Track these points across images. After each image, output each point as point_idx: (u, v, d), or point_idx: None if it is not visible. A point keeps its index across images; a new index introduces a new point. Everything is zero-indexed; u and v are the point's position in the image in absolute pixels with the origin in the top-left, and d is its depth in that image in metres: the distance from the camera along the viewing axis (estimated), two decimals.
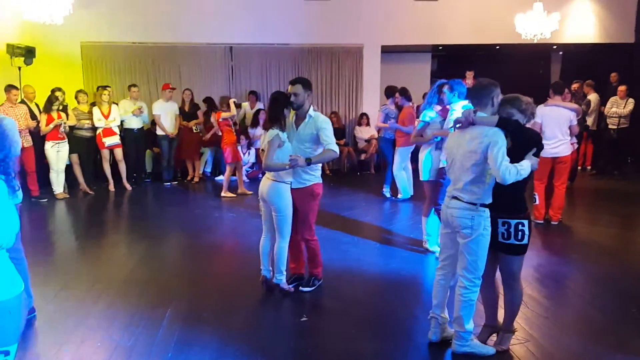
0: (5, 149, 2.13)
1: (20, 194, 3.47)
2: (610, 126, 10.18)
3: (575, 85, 8.96)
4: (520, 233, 3.29)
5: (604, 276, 5.02)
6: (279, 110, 4.27)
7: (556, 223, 6.64)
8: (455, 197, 3.36)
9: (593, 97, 10.39)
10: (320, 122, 4.32)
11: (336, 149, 4.31)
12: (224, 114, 8.74)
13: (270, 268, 4.53)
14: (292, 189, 4.37)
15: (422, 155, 5.46)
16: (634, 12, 11.50)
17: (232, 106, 8.74)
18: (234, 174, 8.88)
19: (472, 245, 3.27)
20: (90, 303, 4.37)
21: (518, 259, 3.39)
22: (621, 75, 10.72)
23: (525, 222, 3.32)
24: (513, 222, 3.29)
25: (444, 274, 3.58)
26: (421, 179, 5.51)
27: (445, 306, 3.62)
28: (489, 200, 3.28)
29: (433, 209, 5.44)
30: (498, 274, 3.54)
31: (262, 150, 4.45)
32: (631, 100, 9.96)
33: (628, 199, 8.46)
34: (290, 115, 4.42)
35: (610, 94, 10.33)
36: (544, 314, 4.10)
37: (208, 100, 10.02)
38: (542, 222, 6.62)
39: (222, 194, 8.67)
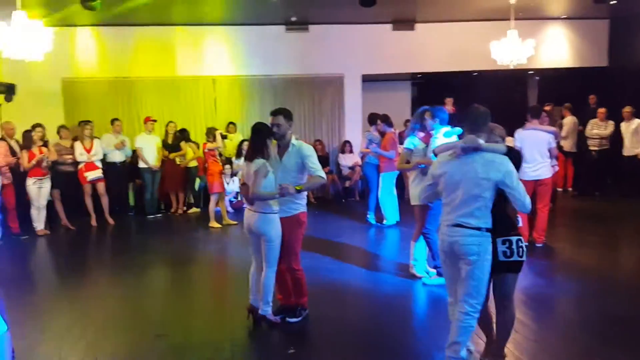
0: None
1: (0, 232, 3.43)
2: (591, 147, 10.37)
3: (547, 107, 9.14)
4: (520, 249, 3.35)
5: (589, 297, 5.04)
6: (262, 140, 4.28)
7: (541, 245, 6.67)
8: (458, 225, 3.29)
9: (568, 119, 10.62)
10: (304, 150, 4.37)
11: (323, 175, 4.38)
12: (209, 145, 8.78)
13: (259, 298, 4.44)
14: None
15: (412, 180, 5.51)
16: (606, 37, 11.85)
17: (218, 137, 8.79)
18: (217, 205, 8.85)
19: (477, 271, 3.24)
20: (72, 342, 4.27)
21: (515, 277, 3.42)
22: (598, 98, 10.98)
23: (522, 237, 3.41)
24: (514, 239, 3.34)
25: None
26: (411, 203, 5.53)
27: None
28: (491, 224, 3.28)
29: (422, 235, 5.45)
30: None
31: (243, 183, 4.42)
32: (611, 122, 10.19)
33: (610, 220, 8.56)
34: (272, 146, 4.43)
35: (589, 116, 10.54)
36: (532, 338, 4.09)
37: (182, 132, 10.03)
38: (526, 244, 6.63)
39: (210, 224, 8.62)
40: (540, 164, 6.49)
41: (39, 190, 8.27)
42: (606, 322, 4.36)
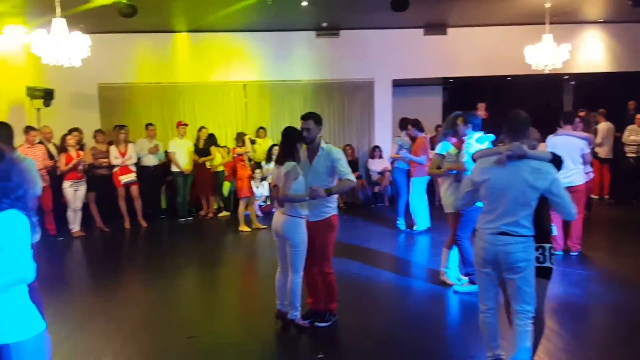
0: (24, 185, 2.18)
1: (38, 232, 3.53)
2: (628, 154, 10.09)
3: (582, 113, 8.93)
4: (552, 257, 3.33)
5: (624, 308, 4.89)
6: (292, 144, 4.31)
7: (576, 254, 6.52)
8: (504, 233, 3.21)
9: (603, 125, 10.33)
10: (334, 153, 4.40)
11: (353, 178, 4.39)
12: (238, 150, 8.89)
13: (286, 303, 4.48)
14: (309, 222, 4.36)
15: (445, 188, 5.44)
16: None
17: (248, 142, 8.90)
18: (246, 209, 8.93)
19: (529, 276, 3.21)
20: (105, 342, 4.35)
21: (546, 283, 3.37)
22: (637, 104, 10.69)
23: (553, 246, 3.40)
24: (547, 246, 3.33)
25: (492, 313, 3.41)
26: (445, 211, 5.47)
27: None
28: (534, 231, 3.25)
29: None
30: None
31: (274, 185, 4.47)
32: None
33: None
34: (302, 150, 4.46)
35: (628, 122, 10.27)
36: (565, 347, 4.00)
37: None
38: (560, 252, 6.50)
39: (240, 228, 8.70)
40: (572, 171, 6.30)
41: (75, 192, 8.48)
42: None
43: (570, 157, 6.30)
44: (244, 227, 8.69)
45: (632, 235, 7.80)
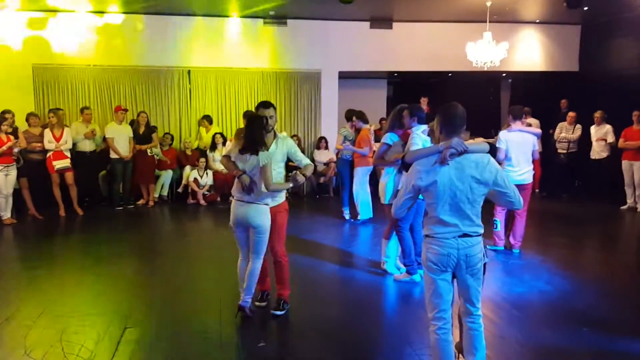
0: None
1: None
2: (559, 151, 10.62)
3: None
4: (487, 252, 3.21)
5: (556, 297, 5.14)
6: (259, 132, 4.25)
7: (517, 251, 6.59)
8: (466, 234, 3.02)
9: (533, 121, 10.75)
10: (290, 142, 4.59)
11: (310, 162, 4.66)
12: None
13: (244, 287, 4.45)
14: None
15: (384, 179, 5.53)
16: (577, 42, 12.12)
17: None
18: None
19: (481, 275, 3.12)
20: (38, 334, 4.18)
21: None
22: (569, 103, 11.24)
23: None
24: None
25: (449, 328, 3.14)
26: (382, 202, 5.56)
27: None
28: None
29: (394, 232, 5.50)
30: None
31: (240, 174, 4.27)
32: (579, 126, 10.44)
33: (577, 221, 8.78)
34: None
35: (561, 119, 10.79)
36: (500, 334, 4.17)
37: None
38: (502, 247, 6.69)
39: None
40: (526, 168, 6.28)
41: (6, 177, 8.08)
42: (572, 322, 4.46)
43: (525, 154, 6.24)
44: None
45: (562, 227, 8.24)
